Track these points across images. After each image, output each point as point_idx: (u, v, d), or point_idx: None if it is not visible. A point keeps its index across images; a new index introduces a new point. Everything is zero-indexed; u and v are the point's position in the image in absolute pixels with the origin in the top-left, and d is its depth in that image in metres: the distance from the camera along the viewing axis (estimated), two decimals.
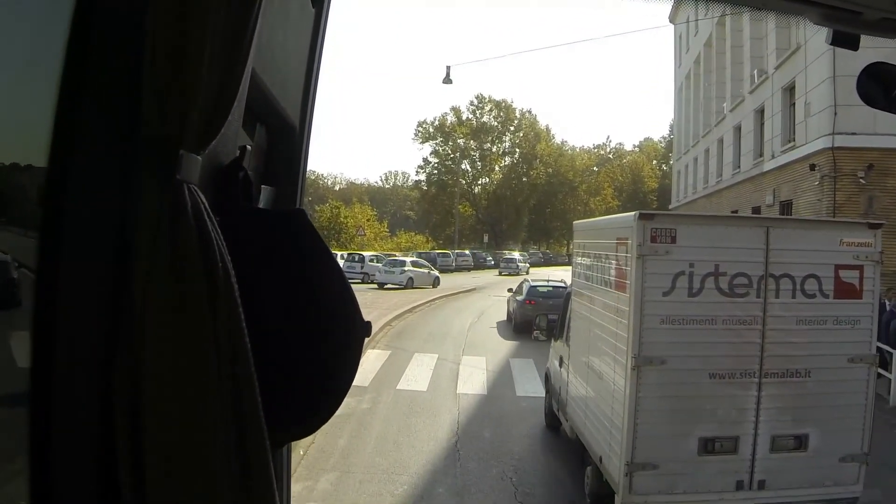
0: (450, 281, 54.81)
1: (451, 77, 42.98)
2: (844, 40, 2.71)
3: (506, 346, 26.02)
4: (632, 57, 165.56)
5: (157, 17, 1.29)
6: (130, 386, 1.29)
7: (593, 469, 10.44)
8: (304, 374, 1.61)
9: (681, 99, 61.71)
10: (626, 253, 9.07)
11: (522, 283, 33.21)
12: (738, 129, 41.48)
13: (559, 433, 13.76)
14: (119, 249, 1.33)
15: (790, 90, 31.62)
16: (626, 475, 8.84)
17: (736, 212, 40.01)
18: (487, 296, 44.24)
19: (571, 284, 13.31)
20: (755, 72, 37.02)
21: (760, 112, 36.79)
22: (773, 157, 33.61)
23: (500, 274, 69.28)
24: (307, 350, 1.62)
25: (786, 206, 32.48)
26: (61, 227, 1.33)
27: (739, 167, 40.49)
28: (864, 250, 9.04)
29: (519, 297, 30.90)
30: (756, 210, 36.06)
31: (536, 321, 17.05)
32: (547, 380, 15.19)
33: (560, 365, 13.47)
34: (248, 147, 1.77)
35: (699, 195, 51.46)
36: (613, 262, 9.76)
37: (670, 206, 67.51)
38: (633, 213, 9.07)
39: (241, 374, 1.35)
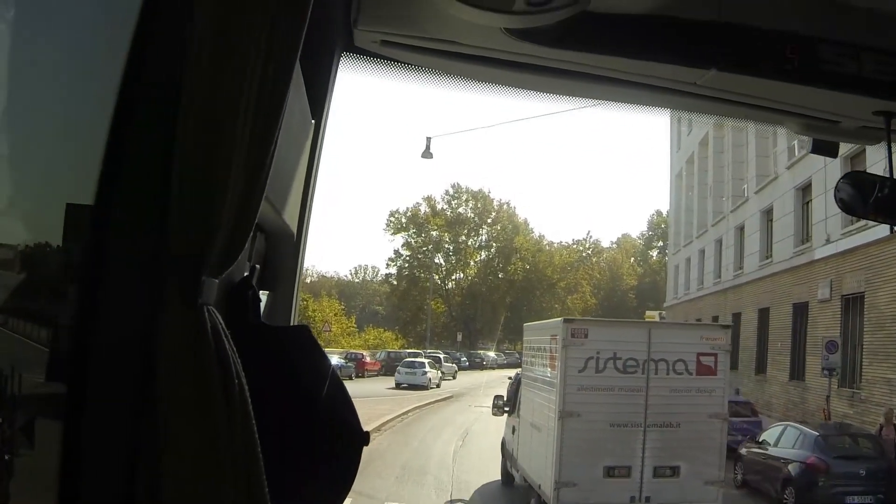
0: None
1: (430, 151, 36.77)
2: (824, 149, 3.32)
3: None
4: (614, 146, 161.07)
5: (185, 143, 1.39)
6: (153, 489, 1.38)
7: (536, 500, 15.28)
8: (308, 476, 1.71)
9: (679, 186, 55.63)
10: (556, 344, 14.28)
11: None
12: (767, 212, 34.77)
13: (513, 486, 18.25)
14: (144, 364, 1.42)
15: (853, 157, 22.12)
16: (555, 489, 13.63)
17: (767, 310, 33.39)
18: (468, 407, 37.01)
19: (520, 373, 18.72)
20: (795, 143, 30.21)
21: (803, 189, 30.07)
22: (827, 241, 26.73)
23: (398, 386, 51.08)
24: (310, 454, 1.72)
25: (854, 301, 25.65)
26: (92, 335, 1.45)
27: (770, 257, 33.60)
28: (717, 343, 14.25)
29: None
30: (801, 307, 29.20)
31: (494, 401, 19.61)
32: (503, 446, 19.32)
33: (512, 432, 17.95)
34: (258, 267, 2.09)
35: (707, 291, 44.64)
36: (548, 350, 15.05)
37: (664, 305, 60.96)
38: (561, 318, 14.87)
39: (253, 478, 1.44)
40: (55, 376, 1.52)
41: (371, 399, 35.23)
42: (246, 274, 1.95)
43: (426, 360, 52.82)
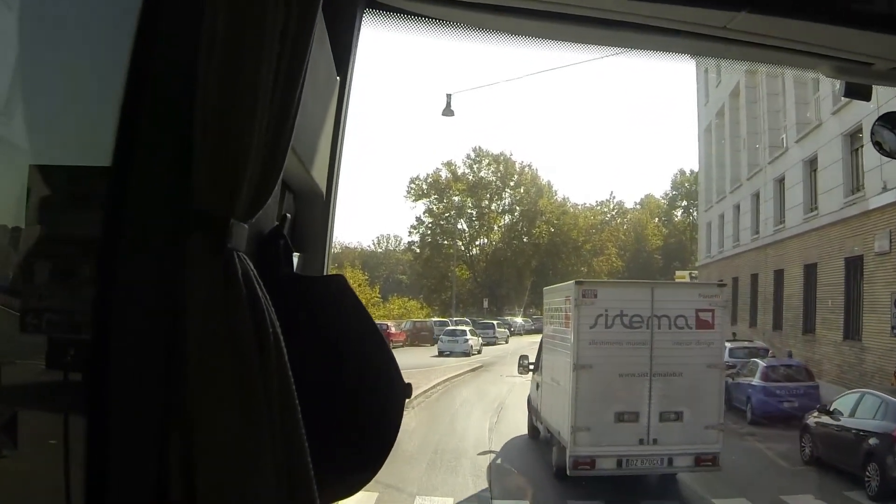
0: (447, 357, 45.33)
1: (451, 108, 35.17)
2: (857, 92, 3.18)
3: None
4: (635, 102, 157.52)
5: (206, 95, 1.38)
6: (184, 442, 1.35)
7: (557, 447, 16.40)
8: (348, 433, 1.68)
9: (708, 140, 53.43)
10: (569, 304, 15.83)
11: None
12: (810, 162, 32.54)
13: (539, 438, 19.64)
14: (172, 313, 1.39)
15: None
16: (572, 434, 15.17)
17: (814, 265, 31.29)
18: (500, 376, 35.30)
19: (543, 335, 20.66)
20: (839, 86, 27.89)
21: (852, 136, 27.87)
22: (884, 188, 24.60)
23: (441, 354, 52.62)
24: (350, 409, 1.70)
25: None
26: (116, 290, 1.44)
27: (816, 209, 31.41)
28: (715, 300, 15.92)
29: None
30: (854, 261, 27.13)
31: (520, 360, 21.46)
32: (529, 403, 21.07)
33: (536, 389, 19.72)
34: (288, 216, 2.05)
35: (744, 248, 42.47)
36: (563, 311, 16.63)
37: (697, 264, 58.86)
38: (572, 281, 16.67)
39: (291, 432, 1.42)
40: (83, 335, 1.48)
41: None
42: (276, 224, 1.85)
43: (467, 329, 53.55)
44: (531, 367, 20.17)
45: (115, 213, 1.44)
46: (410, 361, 39.55)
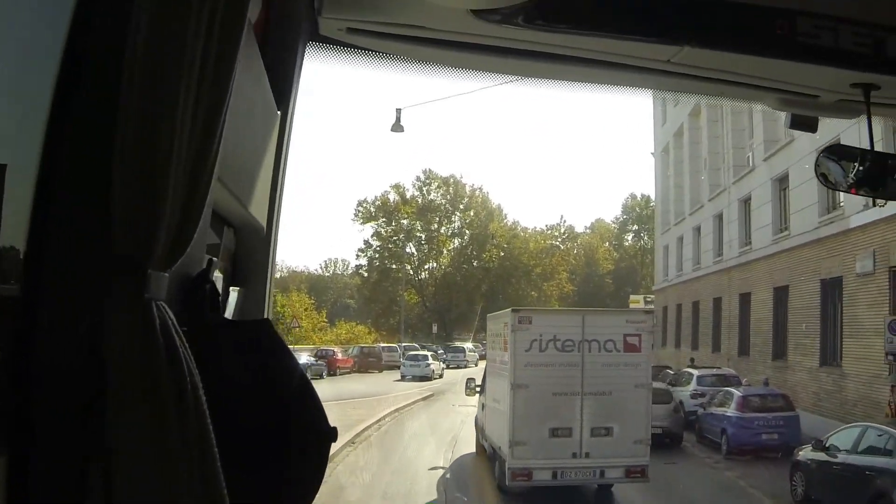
0: (396, 385, 42.81)
1: (401, 124, 33.37)
2: (803, 123, 3.22)
3: None
4: (586, 127, 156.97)
5: (124, 138, 1.34)
6: (105, 487, 1.32)
7: (499, 461, 17.34)
8: (270, 479, 1.62)
9: (665, 162, 52.27)
10: (507, 330, 16.86)
11: None
12: (780, 180, 31.15)
13: (485, 455, 20.16)
14: (91, 366, 1.35)
15: None
16: (510, 447, 16.07)
17: (785, 288, 29.78)
18: (451, 406, 33.06)
19: (487, 359, 23.38)
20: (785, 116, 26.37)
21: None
22: (866, 206, 23.03)
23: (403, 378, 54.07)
24: (272, 456, 1.63)
25: None
26: (36, 340, 1.40)
27: (787, 229, 29.94)
28: (641, 325, 16.98)
29: None
30: (832, 283, 25.67)
31: (467, 383, 22.53)
32: (476, 422, 22.08)
33: (482, 409, 20.61)
34: (215, 260, 1.84)
35: (706, 271, 41.03)
36: (502, 335, 17.62)
37: (654, 288, 57.47)
38: (509, 308, 18.25)
39: (210, 478, 1.37)
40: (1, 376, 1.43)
41: (343, 403, 31.19)
42: (203, 269, 1.77)
43: (429, 354, 55.32)
44: (478, 388, 21.06)
45: (38, 253, 1.39)
46: (359, 389, 37.23)
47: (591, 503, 17.82)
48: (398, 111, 33.22)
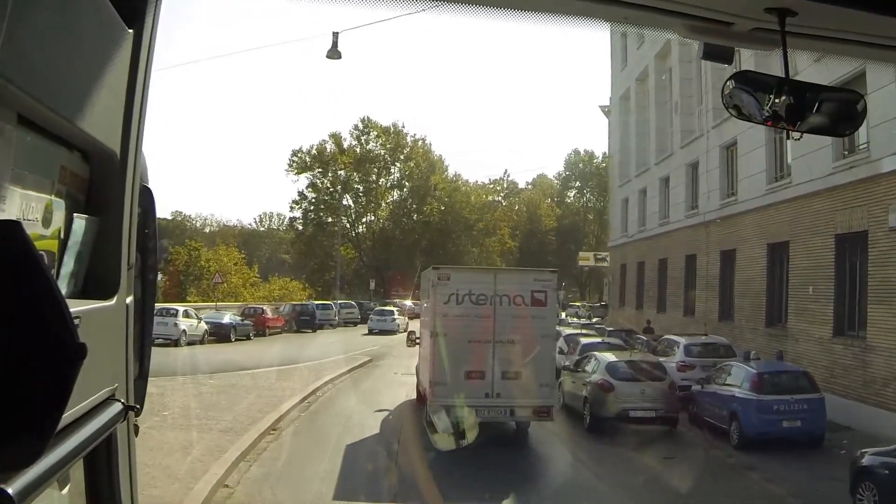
0: (331, 347, 36.85)
1: (338, 49, 28.61)
2: (717, 54, 2.88)
3: None
4: (530, 76, 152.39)
5: None
6: None
7: (427, 405, 18.21)
8: (13, 400, 1.47)
9: (625, 109, 48.11)
10: (431, 285, 18.81)
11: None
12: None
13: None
14: None
15: None
16: (431, 386, 17.76)
17: (784, 244, 25.70)
18: (393, 375, 29.07)
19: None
20: (697, 46, 22.02)
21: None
22: None
23: (371, 332, 52.10)
24: (15, 374, 1.47)
25: None
26: None
27: (787, 177, 25.75)
28: (547, 283, 18.39)
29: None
30: (850, 238, 21.60)
31: (408, 335, 23.54)
32: (417, 371, 22.73)
33: (418, 358, 21.97)
34: None
35: (676, 225, 36.95)
36: (428, 291, 20.05)
37: (609, 244, 53.45)
38: (432, 266, 19.74)
39: None
40: None
41: (265, 372, 26.37)
42: None
43: (395, 309, 57.37)
44: (417, 340, 21.86)
45: None
46: (287, 353, 32.32)
47: (505, 439, 18.08)
48: (335, 35, 28.13)
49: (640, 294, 43.41)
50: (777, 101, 2.84)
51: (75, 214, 2.03)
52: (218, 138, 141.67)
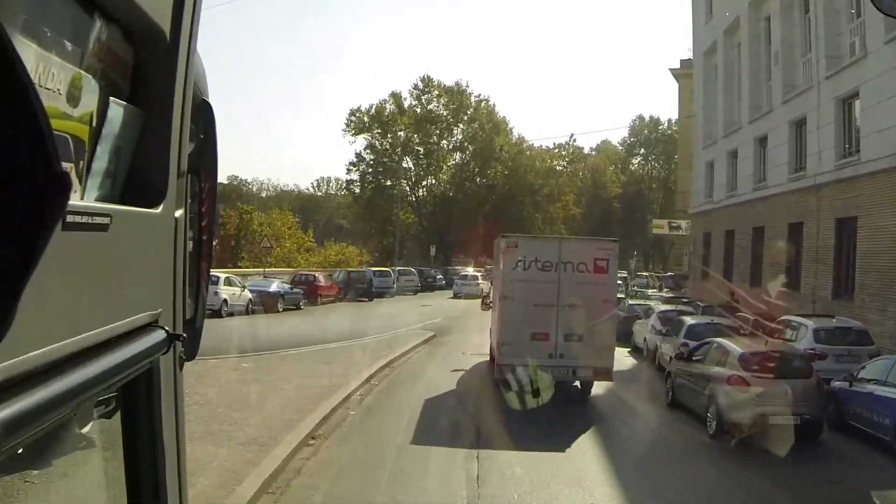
0: (388, 320, 32.87)
1: None
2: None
3: None
4: (599, 39, 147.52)
5: None
6: None
7: (497, 365, 18.85)
8: None
9: (709, 64, 44.03)
10: (500, 252, 19.63)
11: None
12: None
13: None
14: None
15: None
16: (498, 346, 18.73)
17: None
18: (460, 355, 25.20)
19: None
20: None
21: None
22: None
23: (457, 296, 52.46)
24: None
25: None
26: None
27: None
28: (609, 252, 18.79)
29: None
30: None
31: (483, 299, 28.03)
32: (491, 333, 22.29)
33: (491, 322, 22.35)
34: None
35: (775, 190, 32.60)
36: (499, 257, 20.28)
37: (691, 211, 49.02)
38: (501, 235, 20.39)
39: None
40: None
41: (305, 355, 22.74)
42: None
43: (479, 274, 57.73)
44: (490, 304, 23.41)
45: None
46: (338, 327, 28.59)
47: (567, 397, 18.14)
48: None
49: (728, 265, 39.03)
50: None
51: (112, 99, 1.71)
52: (274, 97, 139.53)
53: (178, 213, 2.01)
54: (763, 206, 34.15)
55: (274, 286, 38.43)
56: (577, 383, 19.11)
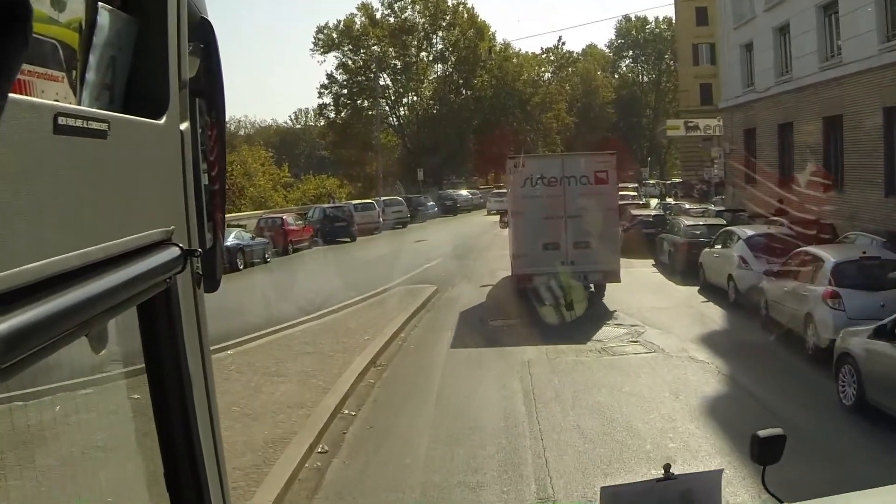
0: (372, 269, 26.37)
1: None
2: None
3: None
4: None
5: None
6: None
7: (514, 276, 20.68)
8: None
9: None
10: (509, 172, 21.30)
11: None
12: None
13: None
14: None
15: None
16: (514, 258, 20.39)
17: None
18: (475, 319, 18.94)
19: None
20: None
21: None
22: None
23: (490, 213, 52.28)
24: None
25: None
26: None
27: None
28: (607, 164, 20.08)
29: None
30: None
31: (500, 217, 30.16)
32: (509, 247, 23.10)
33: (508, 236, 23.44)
34: None
35: (816, 79, 25.02)
36: (509, 176, 21.71)
37: (722, 105, 41.13)
38: (508, 157, 22.23)
39: None
40: None
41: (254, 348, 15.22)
42: None
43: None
44: (506, 221, 24.80)
45: None
46: (310, 287, 21.68)
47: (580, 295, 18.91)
48: None
49: (784, 167, 31.38)
50: None
51: (101, 4, 1.65)
52: (243, 29, 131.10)
53: (184, 125, 1.87)
54: (837, 89, 26.25)
55: (231, 239, 28.82)
56: (592, 287, 20.43)
